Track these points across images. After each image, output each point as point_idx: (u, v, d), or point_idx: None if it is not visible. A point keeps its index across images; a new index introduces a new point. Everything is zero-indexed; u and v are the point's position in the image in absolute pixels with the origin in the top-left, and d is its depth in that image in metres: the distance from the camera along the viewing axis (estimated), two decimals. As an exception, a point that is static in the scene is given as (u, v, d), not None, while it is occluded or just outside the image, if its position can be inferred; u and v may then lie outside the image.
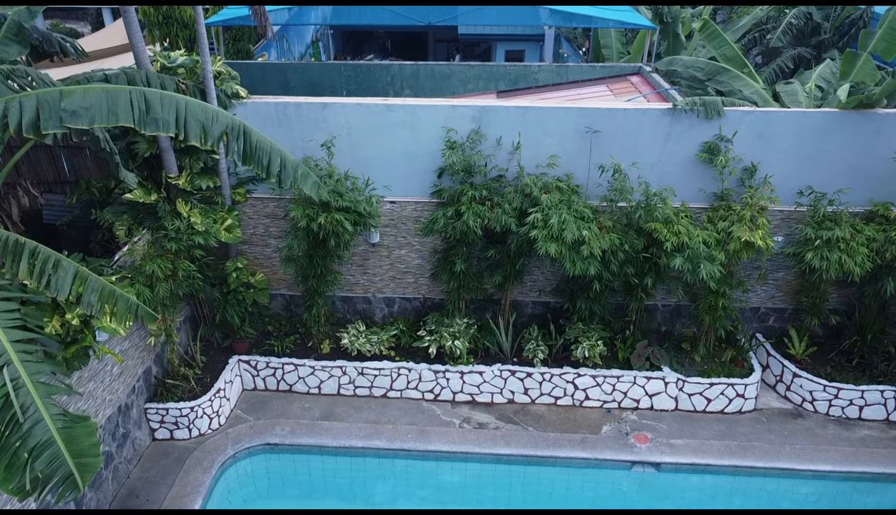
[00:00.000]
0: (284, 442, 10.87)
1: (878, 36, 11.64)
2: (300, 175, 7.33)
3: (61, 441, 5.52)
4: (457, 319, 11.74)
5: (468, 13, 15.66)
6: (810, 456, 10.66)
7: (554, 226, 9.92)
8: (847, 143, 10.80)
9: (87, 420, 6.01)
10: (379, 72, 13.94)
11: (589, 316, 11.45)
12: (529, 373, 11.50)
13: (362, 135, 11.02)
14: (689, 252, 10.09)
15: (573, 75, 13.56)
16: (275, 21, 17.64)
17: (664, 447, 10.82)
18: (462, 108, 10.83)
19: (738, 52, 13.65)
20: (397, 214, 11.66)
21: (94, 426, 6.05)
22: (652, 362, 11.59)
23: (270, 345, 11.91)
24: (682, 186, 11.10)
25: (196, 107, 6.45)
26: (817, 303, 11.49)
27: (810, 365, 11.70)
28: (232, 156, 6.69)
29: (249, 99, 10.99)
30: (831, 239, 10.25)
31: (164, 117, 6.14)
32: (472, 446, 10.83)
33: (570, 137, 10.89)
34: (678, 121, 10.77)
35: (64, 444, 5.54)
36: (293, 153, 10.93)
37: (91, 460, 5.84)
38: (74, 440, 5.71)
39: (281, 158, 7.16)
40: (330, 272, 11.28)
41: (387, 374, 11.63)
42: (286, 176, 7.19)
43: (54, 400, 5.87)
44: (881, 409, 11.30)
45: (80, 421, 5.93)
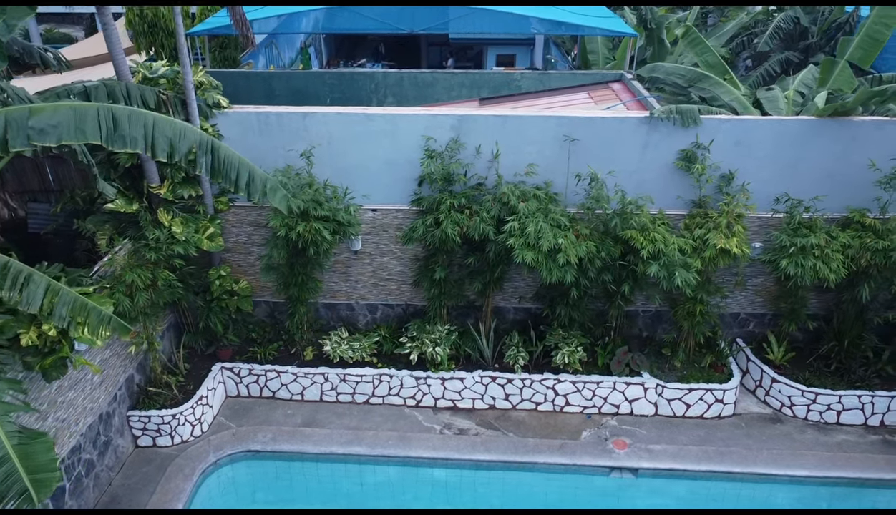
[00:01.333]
0: (266, 449, 10.96)
1: (854, 43, 11.74)
2: (269, 188, 7.43)
3: (16, 457, 5.61)
4: (438, 326, 11.84)
5: (458, 20, 15.74)
6: (787, 461, 10.74)
7: (530, 234, 10.01)
8: (824, 151, 10.90)
9: (45, 436, 6.11)
10: (363, 80, 14.03)
11: (569, 322, 11.54)
12: (510, 379, 11.59)
13: (343, 143, 11.12)
14: (664, 259, 10.18)
15: (555, 82, 13.66)
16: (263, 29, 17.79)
17: (642, 452, 10.90)
18: (441, 117, 10.92)
19: (720, 59, 13.75)
20: (379, 222, 11.76)
21: (52, 442, 6.14)
22: (632, 368, 11.68)
23: (254, 352, 12.01)
24: (660, 194, 11.19)
25: (164, 123, 6.55)
26: (796, 309, 11.58)
27: (789, 370, 11.79)
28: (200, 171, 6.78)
29: (231, 108, 11.09)
30: (806, 246, 10.34)
31: (131, 134, 6.24)
32: (453, 452, 10.91)
33: (549, 145, 10.99)
34: (655, 130, 10.87)
35: (19, 460, 5.63)
36: (275, 162, 11.11)
37: (48, 475, 5.94)
38: (30, 456, 5.80)
39: (249, 172, 7.26)
40: (311, 280, 11.37)
41: (368, 381, 11.73)
42: (254, 189, 7.29)
43: (11, 418, 5.96)
44: (859, 414, 11.38)
45: (37, 437, 6.03)
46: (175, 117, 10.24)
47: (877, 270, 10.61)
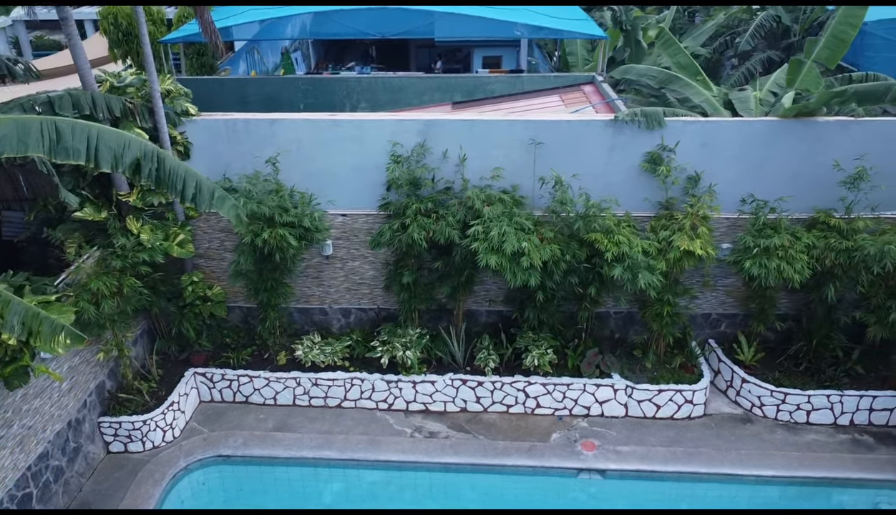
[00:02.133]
0: (237, 454, 11.04)
1: (821, 44, 11.76)
2: (217, 198, 7.51)
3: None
4: (409, 330, 11.90)
5: (442, 24, 15.75)
6: (755, 462, 10.77)
7: (494, 238, 10.06)
8: (790, 151, 10.93)
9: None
10: (335, 85, 14.11)
11: (538, 324, 11.59)
12: (480, 382, 11.65)
13: (312, 149, 11.20)
14: (628, 261, 10.22)
15: (527, 86, 13.71)
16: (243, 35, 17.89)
17: (611, 454, 10.95)
18: (408, 122, 11.00)
19: (692, 60, 13.78)
20: (349, 227, 11.83)
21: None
22: (602, 369, 11.72)
23: (227, 357, 12.09)
24: (627, 196, 11.23)
25: (108, 135, 6.63)
26: (764, 309, 11.61)
27: (760, 370, 11.82)
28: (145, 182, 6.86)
29: (199, 116, 11.17)
30: (770, 247, 10.37)
31: (74, 146, 6.32)
32: (422, 455, 10.98)
33: (515, 149, 11.04)
34: (621, 132, 10.91)
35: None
36: (243, 168, 11.19)
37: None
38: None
39: (196, 182, 7.34)
40: (281, 285, 11.45)
41: (340, 385, 11.80)
42: (202, 200, 7.36)
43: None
44: (828, 413, 11.41)
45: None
46: (142, 125, 10.38)
47: (842, 270, 10.63)
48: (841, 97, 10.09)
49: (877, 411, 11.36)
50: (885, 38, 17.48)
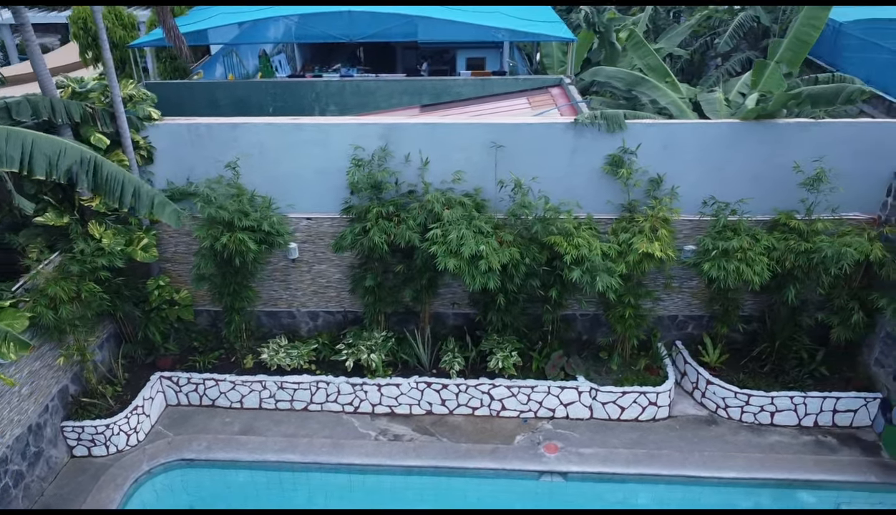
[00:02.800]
0: (200, 457, 11.06)
1: (784, 46, 11.77)
2: (157, 204, 7.54)
3: None
4: (375, 332, 11.92)
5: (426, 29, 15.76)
6: (717, 464, 10.78)
7: (452, 241, 10.09)
8: (751, 153, 10.95)
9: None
10: (304, 89, 14.15)
11: (502, 327, 11.61)
12: (445, 385, 11.67)
13: (275, 153, 11.22)
14: (587, 264, 10.24)
15: (496, 88, 13.74)
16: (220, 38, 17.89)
17: (573, 456, 10.96)
18: (370, 126, 11.02)
19: (661, 62, 13.79)
20: (314, 230, 11.85)
21: None
22: (567, 372, 11.74)
23: (194, 361, 12.10)
24: (589, 198, 11.25)
25: (44, 142, 6.66)
26: (728, 311, 11.62)
27: (726, 371, 11.83)
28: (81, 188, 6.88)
29: (162, 121, 11.20)
30: (729, 249, 10.38)
31: (8, 153, 6.35)
32: (385, 458, 10.99)
33: (477, 152, 11.06)
34: (582, 135, 10.94)
35: None
36: (206, 172, 11.21)
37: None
38: None
39: (135, 189, 7.36)
40: (245, 289, 11.47)
41: (306, 388, 11.82)
42: (141, 206, 7.39)
43: None
44: (792, 415, 11.42)
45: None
46: (104, 130, 10.41)
47: (802, 272, 10.65)
48: (796, 99, 10.10)
49: (840, 412, 11.38)
50: (860, 38, 17.47)
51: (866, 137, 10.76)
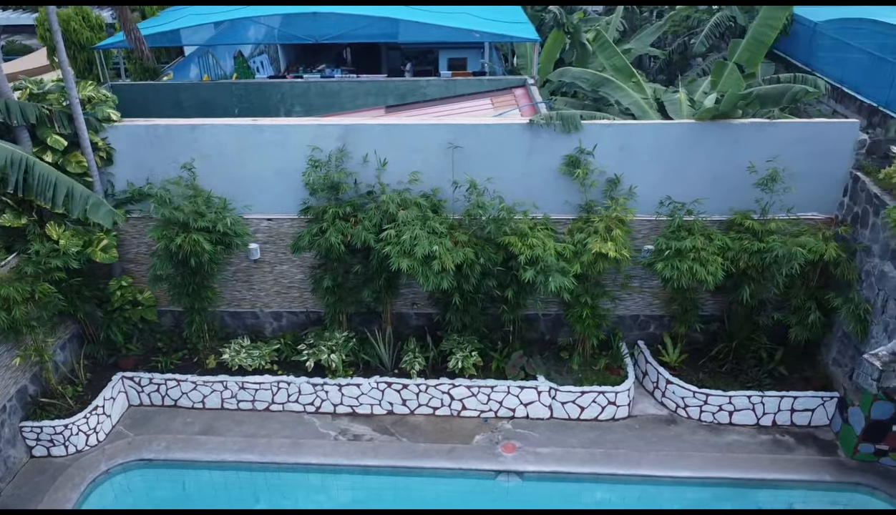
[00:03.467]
0: (159, 458, 11.10)
1: (742, 46, 11.80)
2: (91, 205, 7.59)
3: None
4: (336, 333, 11.95)
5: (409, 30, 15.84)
6: (673, 463, 10.82)
7: (406, 241, 10.12)
8: (708, 154, 10.99)
9: None
10: (270, 90, 14.19)
11: (462, 327, 11.65)
12: (406, 385, 11.70)
13: (235, 154, 11.26)
14: (541, 264, 10.27)
15: (461, 89, 13.78)
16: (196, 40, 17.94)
17: (530, 456, 11.00)
18: (328, 127, 11.06)
19: (627, 63, 13.82)
20: (275, 231, 11.89)
21: None
22: (527, 372, 11.77)
23: (156, 361, 12.14)
24: (547, 199, 11.29)
25: (-29, 144, 6.70)
26: (687, 311, 11.65)
27: (687, 371, 11.87)
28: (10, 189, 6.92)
29: (121, 122, 11.23)
30: (682, 249, 10.41)
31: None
32: (342, 458, 11.04)
33: (435, 153, 11.10)
34: (538, 136, 10.97)
35: None
36: (166, 173, 11.25)
37: None
38: None
39: (69, 189, 7.42)
40: (204, 289, 11.51)
41: (267, 388, 11.86)
42: (74, 206, 7.44)
43: None
44: (751, 414, 11.46)
45: None
46: (61, 131, 10.46)
47: (756, 272, 10.68)
48: (746, 99, 10.14)
49: (798, 412, 11.42)
50: (834, 37, 17.50)
51: (822, 137, 10.79)
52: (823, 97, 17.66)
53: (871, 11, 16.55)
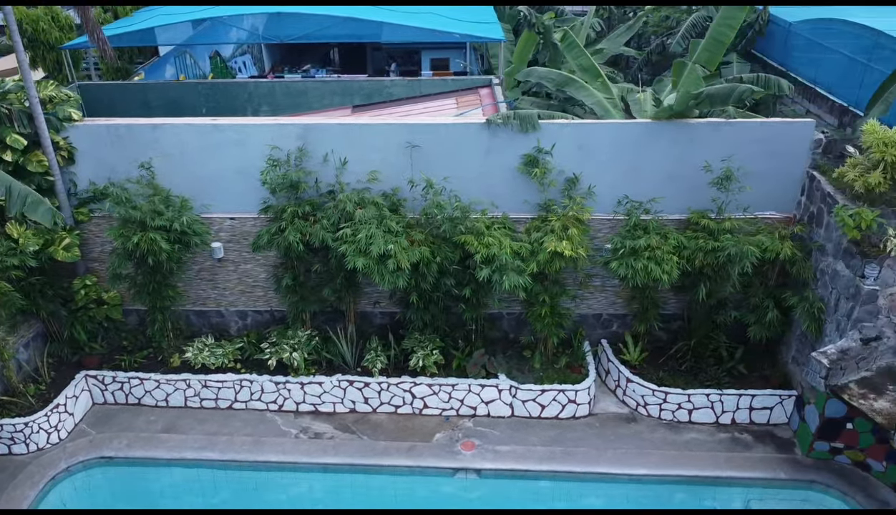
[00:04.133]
0: (119, 455, 11.15)
1: (701, 46, 11.86)
2: (29, 203, 7.65)
3: None
4: (299, 331, 12.01)
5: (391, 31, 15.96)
6: (630, 460, 10.87)
7: (362, 240, 10.18)
8: (665, 153, 11.05)
9: None
10: (236, 90, 14.25)
11: (423, 326, 11.70)
12: (367, 383, 11.75)
13: (196, 154, 11.32)
14: (496, 263, 10.33)
15: (426, 89, 13.84)
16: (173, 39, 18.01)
17: (488, 453, 11.05)
18: (288, 126, 11.11)
19: (594, 63, 13.87)
20: (238, 230, 11.95)
21: None
22: (488, 370, 11.82)
23: (120, 360, 12.20)
24: (507, 198, 11.35)
25: None
26: (647, 309, 11.70)
27: (648, 369, 11.92)
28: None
29: (83, 121, 11.29)
30: (637, 247, 10.46)
31: None
32: (302, 456, 11.09)
33: (394, 153, 11.15)
34: (497, 135, 11.03)
35: None
36: (128, 173, 11.31)
37: None
38: None
39: (7, 188, 7.47)
40: (165, 288, 11.55)
41: (230, 386, 11.91)
42: (12, 204, 7.50)
43: None
44: (710, 412, 11.51)
45: None
46: (21, 130, 10.52)
47: (712, 270, 10.74)
48: (697, 99, 10.19)
49: (757, 410, 11.46)
50: (807, 38, 17.57)
51: (778, 137, 10.86)
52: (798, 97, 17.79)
53: (843, 12, 16.63)
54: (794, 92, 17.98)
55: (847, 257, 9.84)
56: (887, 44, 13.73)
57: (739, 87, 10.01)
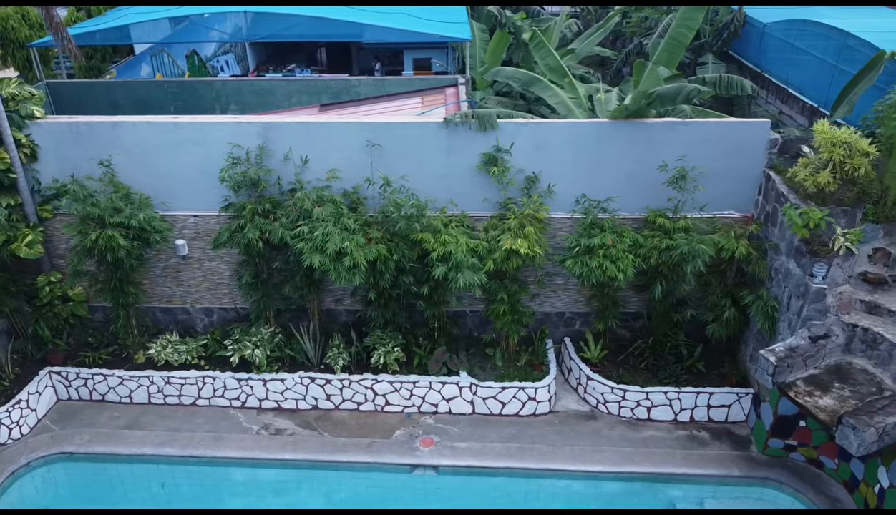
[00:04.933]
0: (80, 451, 11.22)
1: (661, 47, 11.95)
2: None
3: None
4: (262, 329, 12.08)
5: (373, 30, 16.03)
6: (586, 457, 10.95)
7: (318, 238, 10.26)
8: (622, 153, 11.12)
9: None
10: (204, 88, 14.33)
11: (384, 323, 11.78)
12: (329, 380, 11.83)
13: (157, 152, 11.38)
14: (452, 261, 10.41)
15: (392, 88, 13.92)
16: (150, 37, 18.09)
17: (446, 450, 11.13)
18: (248, 125, 11.18)
19: (561, 63, 13.95)
20: (202, 228, 12.02)
21: None
22: (450, 367, 11.90)
23: (84, 356, 12.26)
24: (467, 196, 11.44)
25: None
26: (607, 307, 11.78)
27: (608, 367, 12.00)
28: None
29: (45, 119, 11.35)
30: (592, 246, 10.54)
31: None
32: (262, 452, 11.17)
33: (355, 151, 11.23)
34: (456, 134, 11.10)
35: None
36: (91, 170, 11.38)
37: None
38: None
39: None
40: (127, 285, 11.62)
41: (193, 383, 11.98)
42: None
43: None
44: (668, 410, 11.59)
45: None
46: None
47: (667, 269, 10.82)
48: (649, 99, 10.28)
49: (715, 407, 11.55)
50: (780, 39, 17.68)
51: (735, 137, 10.94)
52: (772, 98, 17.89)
53: (815, 13, 16.74)
54: (769, 92, 18.12)
55: (798, 256, 9.93)
56: (855, 45, 13.82)
57: (687, 87, 10.10)
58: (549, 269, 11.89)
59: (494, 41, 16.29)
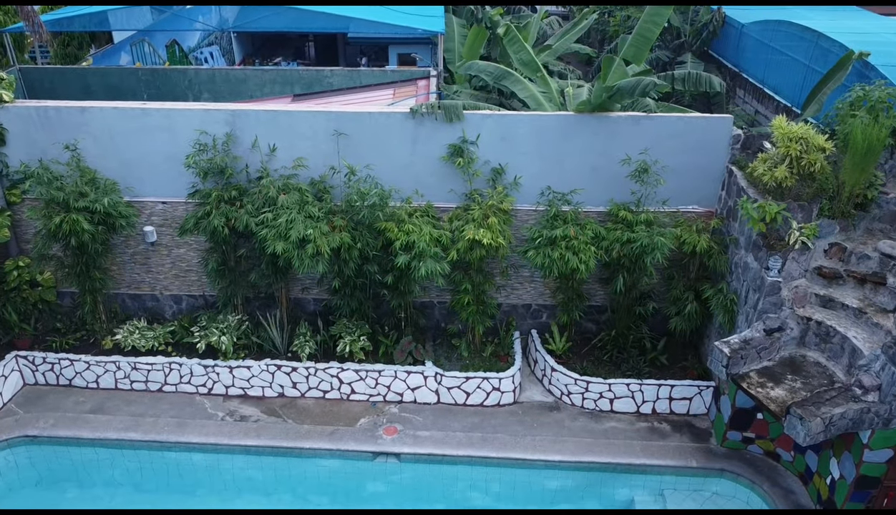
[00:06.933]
0: (43, 434, 11.25)
1: (628, 43, 12.05)
2: None
3: None
4: (229, 316, 12.13)
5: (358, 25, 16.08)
6: (546, 447, 11.05)
7: (282, 225, 10.32)
8: (587, 146, 11.22)
9: None
10: (177, 76, 14.36)
11: (350, 313, 11.85)
12: (295, 368, 11.88)
13: (125, 138, 11.42)
14: (415, 250, 10.48)
15: (365, 80, 13.98)
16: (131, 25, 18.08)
17: (409, 438, 11.20)
18: (215, 112, 11.23)
19: (534, 57, 14.03)
20: (170, 214, 12.06)
21: None
22: (415, 357, 11.97)
23: (52, 341, 12.29)
24: (433, 187, 11.51)
25: None
26: (571, 299, 11.87)
27: (573, 359, 12.10)
28: None
29: (13, 103, 11.37)
30: (553, 237, 10.63)
31: None
32: (224, 438, 11.22)
33: (322, 140, 11.29)
34: (422, 125, 11.18)
35: None
36: (59, 155, 11.41)
37: None
38: None
39: None
40: (94, 270, 11.65)
41: (159, 369, 12.02)
42: None
43: None
44: (630, 402, 11.70)
45: None
46: (-52, 111, 10.57)
47: (629, 261, 10.91)
48: (609, 92, 10.38)
49: (677, 400, 11.66)
50: (756, 39, 17.82)
51: (697, 132, 11.05)
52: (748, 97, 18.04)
53: (791, 14, 16.89)
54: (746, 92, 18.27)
55: (755, 250, 10.04)
56: (827, 46, 13.96)
57: (644, 80, 10.20)
58: (515, 261, 11.98)
59: (471, 36, 16.34)
